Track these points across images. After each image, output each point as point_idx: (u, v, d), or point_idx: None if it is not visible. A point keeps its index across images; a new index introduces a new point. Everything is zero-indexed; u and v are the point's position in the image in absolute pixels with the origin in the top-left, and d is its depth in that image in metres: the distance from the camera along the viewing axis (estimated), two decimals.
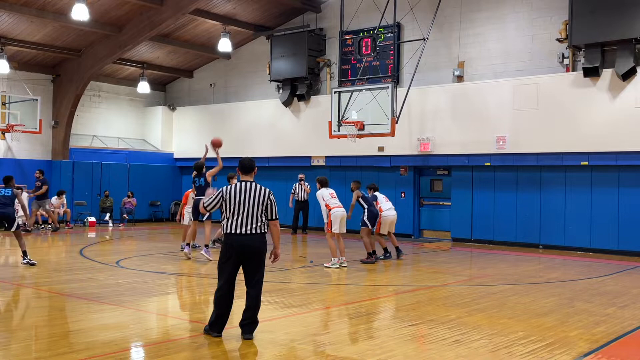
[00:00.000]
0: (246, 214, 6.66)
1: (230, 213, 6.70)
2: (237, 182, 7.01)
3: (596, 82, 15.78)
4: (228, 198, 6.73)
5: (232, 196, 6.72)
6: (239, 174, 6.90)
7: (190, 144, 24.98)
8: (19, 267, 12.18)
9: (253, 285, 6.76)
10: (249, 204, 6.69)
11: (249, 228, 6.64)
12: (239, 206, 6.67)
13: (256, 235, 6.68)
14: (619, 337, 7.23)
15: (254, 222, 6.67)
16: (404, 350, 6.51)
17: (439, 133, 18.22)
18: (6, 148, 21.52)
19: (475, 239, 18.07)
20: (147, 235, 19.65)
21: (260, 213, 6.73)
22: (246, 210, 6.67)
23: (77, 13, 17.14)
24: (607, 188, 16.14)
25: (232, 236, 6.67)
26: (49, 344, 6.58)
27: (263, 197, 6.77)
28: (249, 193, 6.74)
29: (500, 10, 17.97)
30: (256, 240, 6.68)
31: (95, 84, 23.82)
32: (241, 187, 6.78)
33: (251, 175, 6.95)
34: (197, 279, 11.30)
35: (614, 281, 11.56)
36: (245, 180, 6.88)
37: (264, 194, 6.80)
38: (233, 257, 6.66)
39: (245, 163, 6.97)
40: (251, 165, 6.97)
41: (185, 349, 6.43)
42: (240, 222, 6.64)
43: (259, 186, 6.84)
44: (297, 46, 21.07)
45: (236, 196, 6.71)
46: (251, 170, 6.96)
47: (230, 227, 6.67)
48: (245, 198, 6.70)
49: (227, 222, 6.71)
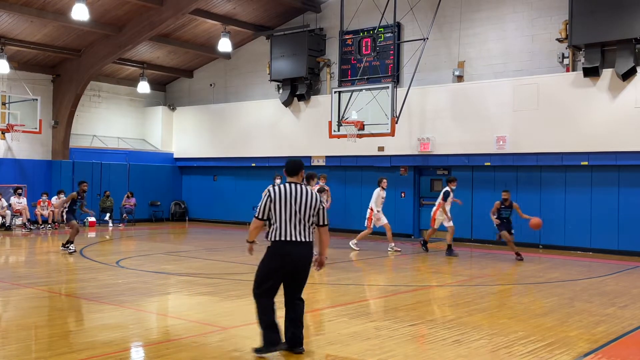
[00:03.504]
0: (297, 220, 6.01)
1: (278, 217, 6.01)
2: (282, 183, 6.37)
3: (596, 82, 15.78)
4: (277, 200, 6.04)
5: (280, 198, 6.03)
6: (284, 175, 6.32)
7: (190, 144, 25.00)
8: (19, 267, 12.18)
9: (300, 296, 6.22)
10: (299, 208, 6.03)
11: (302, 235, 6.00)
12: (289, 210, 6.01)
13: (309, 243, 6.07)
14: (619, 337, 7.22)
15: (306, 228, 6.04)
16: (404, 350, 6.50)
17: (439, 133, 18.22)
18: (6, 148, 21.52)
19: (475, 239, 18.07)
20: (147, 235, 19.66)
21: (310, 218, 6.07)
22: (296, 215, 6.01)
23: (77, 13, 17.14)
24: (607, 188, 16.14)
25: (284, 244, 5.98)
26: (49, 344, 6.58)
27: (314, 201, 6.11)
28: (299, 196, 6.06)
29: (500, 10, 17.97)
30: (309, 249, 6.10)
31: (95, 84, 23.82)
32: (289, 189, 6.10)
33: (298, 176, 6.26)
34: (197, 279, 11.29)
35: (614, 281, 11.56)
36: (293, 182, 6.20)
37: (315, 198, 6.13)
38: (283, 268, 6.03)
39: (292, 163, 6.29)
40: (298, 165, 6.28)
41: (185, 349, 6.42)
42: (292, 229, 5.99)
43: (308, 188, 6.19)
44: (297, 46, 21.07)
45: (285, 198, 6.03)
46: (299, 171, 6.28)
47: (281, 233, 5.99)
48: (295, 201, 6.03)
49: (275, 228, 6.01)
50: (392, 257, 14.72)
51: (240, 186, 23.70)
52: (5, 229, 20.10)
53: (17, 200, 20.53)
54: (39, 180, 21.99)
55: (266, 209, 6.06)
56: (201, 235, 19.86)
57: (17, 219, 20.57)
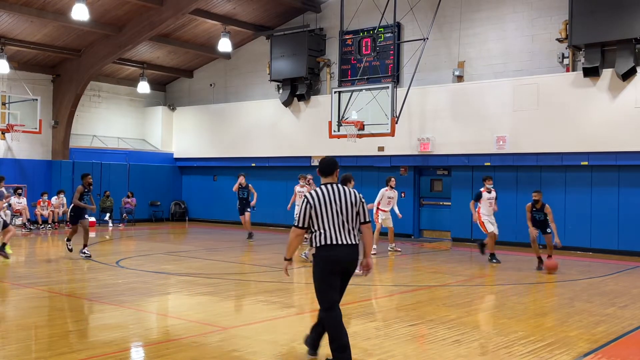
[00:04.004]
0: (341, 222, 5.71)
1: (321, 222, 5.68)
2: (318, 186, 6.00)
3: (596, 82, 15.78)
4: (317, 204, 5.70)
5: (320, 202, 5.71)
6: (319, 176, 6.01)
7: (190, 144, 25.00)
8: (19, 267, 12.18)
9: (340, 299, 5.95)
10: (341, 209, 5.72)
11: (349, 237, 5.71)
12: (332, 213, 5.69)
13: (356, 246, 5.77)
14: (619, 337, 7.22)
15: (351, 229, 5.75)
16: (404, 350, 6.50)
17: (439, 133, 18.22)
18: (6, 148, 21.53)
19: (475, 239, 18.05)
20: (147, 235, 19.66)
21: (354, 218, 5.78)
22: (339, 217, 5.70)
23: (77, 13, 17.14)
24: (607, 188, 16.14)
25: (332, 248, 5.65)
26: (49, 344, 6.57)
27: (355, 199, 5.80)
28: (339, 196, 5.76)
29: (500, 10, 17.97)
30: (356, 252, 5.78)
31: (95, 84, 23.82)
32: (328, 190, 5.78)
33: (334, 176, 5.93)
34: (197, 279, 11.29)
35: (614, 281, 11.56)
36: (328, 182, 5.89)
37: (355, 195, 5.83)
38: (335, 271, 5.73)
39: (326, 163, 5.94)
40: (333, 165, 5.93)
41: (185, 349, 6.42)
42: (338, 231, 5.68)
43: (346, 187, 5.88)
44: (297, 46, 21.07)
45: (325, 201, 5.71)
46: (334, 170, 5.93)
47: (326, 237, 5.66)
48: (336, 202, 5.72)
49: (319, 233, 5.68)
50: (392, 257, 14.72)
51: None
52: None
53: (17, 200, 20.52)
54: (39, 180, 21.99)
55: (307, 216, 5.71)
56: (201, 235, 19.86)
57: (17, 219, 20.57)
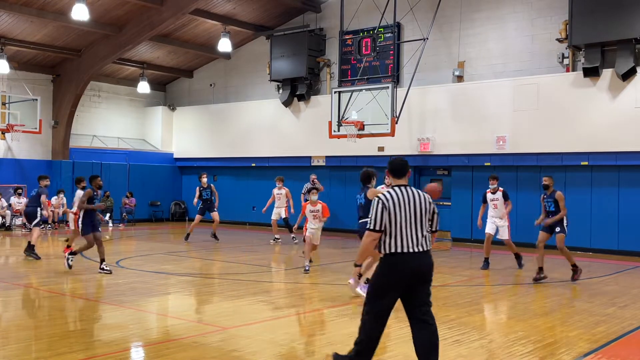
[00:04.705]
0: (414, 227, 5.33)
1: (394, 227, 5.30)
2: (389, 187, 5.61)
3: (596, 82, 15.78)
4: (392, 207, 5.30)
5: (395, 205, 5.31)
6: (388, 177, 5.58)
7: (190, 144, 25.00)
8: (19, 267, 12.17)
9: (430, 314, 5.42)
10: (415, 213, 5.35)
11: (422, 244, 5.34)
12: (406, 217, 5.31)
13: (428, 252, 5.41)
14: (619, 337, 7.22)
15: (424, 236, 5.38)
16: (404, 350, 6.50)
17: (439, 133, 18.22)
18: (6, 148, 21.53)
19: (475, 239, 18.05)
20: (147, 235, 19.66)
21: (426, 224, 5.42)
22: (413, 223, 5.33)
23: (77, 13, 17.14)
24: (607, 188, 16.14)
25: (402, 257, 5.29)
26: (49, 344, 6.57)
27: (429, 205, 5.45)
28: (413, 200, 5.38)
29: (500, 10, 17.97)
30: (430, 258, 5.42)
31: (95, 84, 23.83)
32: (402, 193, 5.39)
33: (406, 178, 5.57)
34: (197, 279, 11.29)
35: (614, 281, 11.56)
36: (401, 184, 5.50)
37: (428, 201, 5.48)
38: (401, 284, 5.32)
39: (399, 163, 5.59)
40: (406, 165, 5.60)
41: (185, 349, 6.42)
42: (411, 238, 5.30)
43: (419, 191, 5.53)
44: (297, 46, 21.07)
45: (400, 205, 5.32)
46: (406, 172, 5.58)
47: (396, 244, 5.30)
48: (410, 206, 5.34)
49: (390, 239, 5.32)
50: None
51: (240, 186, 23.69)
52: (5, 229, 20.10)
53: (17, 200, 20.53)
54: None
55: (383, 219, 5.30)
56: (201, 235, 19.86)
57: (17, 219, 20.57)
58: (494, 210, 12.84)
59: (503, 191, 12.88)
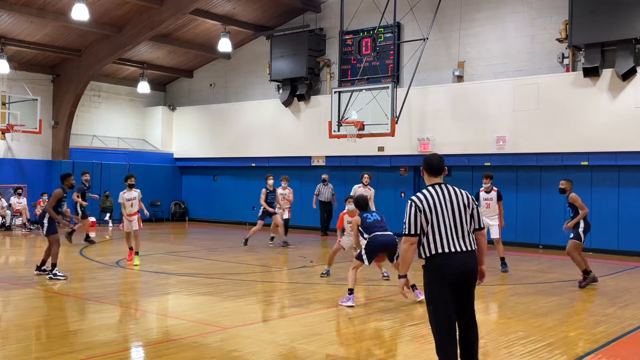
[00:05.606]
0: (454, 226, 5.08)
1: (432, 228, 5.04)
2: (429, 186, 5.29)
3: (596, 82, 15.78)
4: (427, 209, 5.06)
5: (430, 206, 5.07)
6: (423, 175, 5.40)
7: (190, 144, 25.00)
8: (19, 267, 12.17)
9: (473, 315, 5.17)
10: (454, 211, 5.10)
11: (463, 243, 5.06)
12: (444, 216, 5.06)
13: (473, 252, 5.14)
14: (619, 337, 7.22)
15: (466, 234, 5.11)
16: (404, 350, 6.50)
17: (439, 133, 18.22)
18: (6, 148, 21.53)
19: None
20: (147, 235, 19.64)
21: (468, 221, 5.14)
22: (453, 221, 5.08)
23: (77, 13, 17.13)
24: (607, 188, 16.14)
25: (444, 257, 5.00)
26: (48, 344, 6.58)
27: (468, 201, 5.18)
28: (449, 197, 5.13)
29: (500, 10, 17.97)
30: (474, 257, 5.15)
31: (95, 84, 23.82)
32: (438, 192, 5.15)
33: (442, 176, 5.30)
34: (197, 279, 11.29)
35: (614, 281, 11.56)
36: (436, 183, 5.25)
37: (467, 196, 5.21)
38: (451, 282, 5.02)
39: (435, 162, 5.28)
40: (442, 162, 5.30)
41: (185, 349, 6.43)
42: (452, 237, 5.04)
43: (456, 188, 5.25)
44: (297, 46, 21.07)
45: (435, 205, 5.07)
46: (442, 169, 5.29)
47: (436, 246, 5.03)
48: (447, 205, 5.10)
49: (429, 241, 5.05)
50: None
51: (240, 186, 23.69)
52: (5, 229, 20.10)
53: (17, 200, 20.53)
54: (39, 180, 21.98)
55: (418, 222, 5.05)
56: (201, 235, 19.86)
57: (17, 219, 20.58)
58: (486, 210, 12.58)
59: (497, 191, 12.69)
